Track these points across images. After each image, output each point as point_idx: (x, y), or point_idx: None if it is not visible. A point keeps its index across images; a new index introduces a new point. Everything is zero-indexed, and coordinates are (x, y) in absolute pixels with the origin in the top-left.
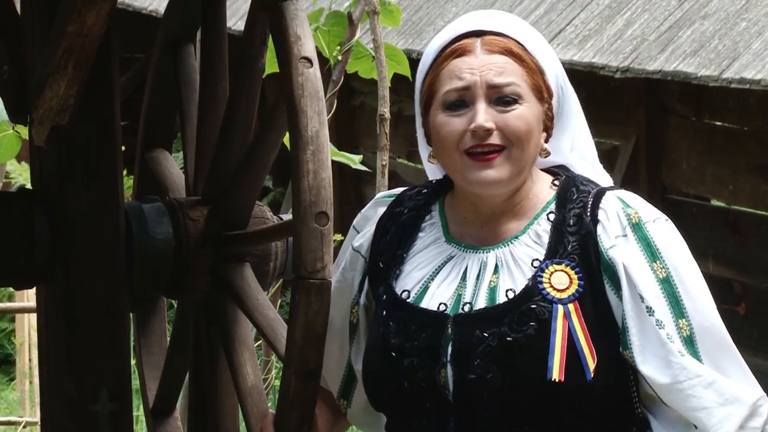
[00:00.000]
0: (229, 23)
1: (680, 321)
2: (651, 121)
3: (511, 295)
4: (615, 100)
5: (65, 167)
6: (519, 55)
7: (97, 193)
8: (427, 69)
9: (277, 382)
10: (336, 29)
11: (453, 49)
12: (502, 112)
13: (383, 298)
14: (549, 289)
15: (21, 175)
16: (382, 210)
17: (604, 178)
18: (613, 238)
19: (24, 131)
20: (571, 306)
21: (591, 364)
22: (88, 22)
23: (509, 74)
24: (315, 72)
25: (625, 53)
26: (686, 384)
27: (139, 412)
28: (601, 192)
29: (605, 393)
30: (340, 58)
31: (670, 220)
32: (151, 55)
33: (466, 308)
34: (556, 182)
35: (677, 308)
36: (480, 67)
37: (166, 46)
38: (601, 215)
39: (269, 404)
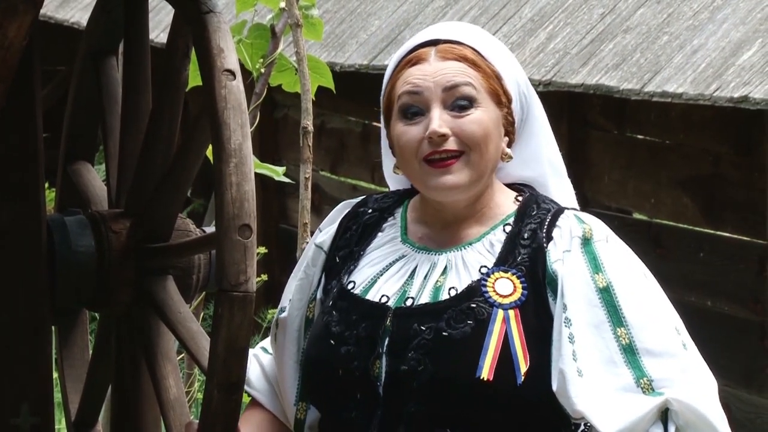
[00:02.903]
0: (152, 35)
1: (619, 329)
2: (573, 135)
3: (453, 293)
4: None
5: None
6: (473, 60)
7: (19, 205)
8: (386, 81)
9: (200, 395)
10: (259, 42)
11: (408, 59)
12: (457, 117)
13: (333, 291)
14: (491, 293)
15: None
16: (347, 211)
17: (568, 190)
18: (561, 252)
19: None
20: (511, 312)
21: (523, 368)
22: (10, 35)
23: (462, 77)
24: (238, 84)
25: (547, 67)
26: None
27: (61, 425)
28: (560, 211)
29: (536, 400)
30: (263, 70)
31: (625, 245)
32: (73, 68)
33: (408, 302)
34: (520, 198)
35: (616, 317)
36: (433, 73)
37: (88, 59)
38: (555, 232)
39: (192, 417)
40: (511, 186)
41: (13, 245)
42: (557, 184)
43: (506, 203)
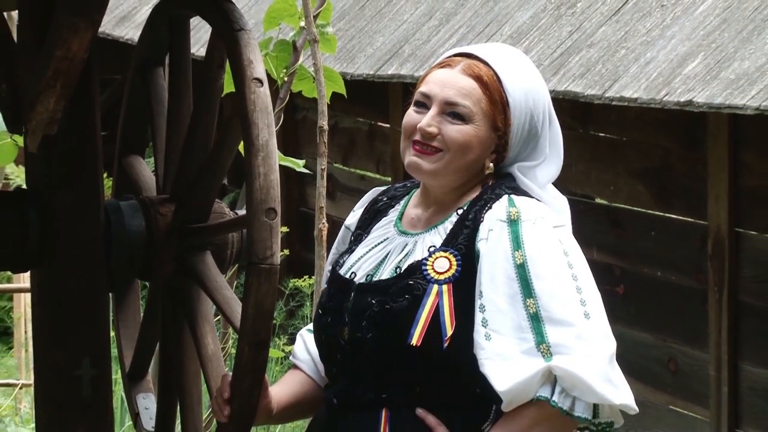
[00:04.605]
0: (193, 50)
1: (528, 300)
2: None
3: (400, 271)
4: None
5: (54, 170)
6: (487, 84)
7: (81, 192)
8: (423, 75)
9: (233, 351)
10: (282, 55)
11: (442, 62)
12: (449, 123)
13: (332, 267)
14: (430, 271)
15: (18, 176)
16: (373, 197)
17: (557, 200)
18: (486, 232)
19: (20, 139)
20: (445, 287)
21: (448, 333)
22: (73, 48)
23: (467, 98)
24: (265, 91)
25: None
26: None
27: (116, 376)
28: (502, 196)
29: (462, 363)
30: (286, 79)
31: (564, 227)
32: (126, 77)
33: (368, 279)
34: (485, 185)
35: (527, 289)
36: (447, 81)
37: (139, 69)
38: (488, 214)
39: (226, 369)
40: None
41: (76, 225)
42: (534, 190)
43: (474, 191)
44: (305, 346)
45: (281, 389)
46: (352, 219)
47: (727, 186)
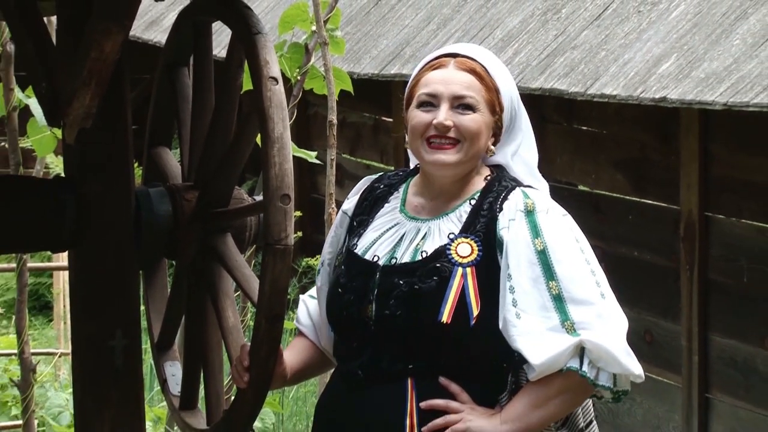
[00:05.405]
0: (215, 51)
1: (550, 282)
2: (534, 128)
3: (424, 255)
4: None
5: (89, 160)
6: (481, 75)
7: (113, 180)
8: (412, 77)
9: (251, 324)
10: (296, 56)
11: (432, 64)
12: (460, 114)
13: (345, 250)
14: (454, 255)
15: (57, 165)
16: (367, 185)
17: (540, 183)
18: (507, 221)
19: (58, 132)
20: (468, 269)
21: (475, 312)
22: (106, 50)
23: (470, 89)
24: (280, 88)
25: (513, 75)
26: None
27: (146, 346)
28: (513, 188)
29: (486, 339)
30: (298, 78)
31: (568, 215)
32: (155, 76)
33: (393, 262)
34: (489, 177)
35: (549, 273)
36: (448, 78)
37: (166, 69)
38: (505, 205)
39: (245, 340)
40: (489, 166)
41: (109, 210)
42: (526, 174)
43: (478, 181)
44: (308, 311)
45: (292, 356)
46: (349, 205)
47: (697, 175)
